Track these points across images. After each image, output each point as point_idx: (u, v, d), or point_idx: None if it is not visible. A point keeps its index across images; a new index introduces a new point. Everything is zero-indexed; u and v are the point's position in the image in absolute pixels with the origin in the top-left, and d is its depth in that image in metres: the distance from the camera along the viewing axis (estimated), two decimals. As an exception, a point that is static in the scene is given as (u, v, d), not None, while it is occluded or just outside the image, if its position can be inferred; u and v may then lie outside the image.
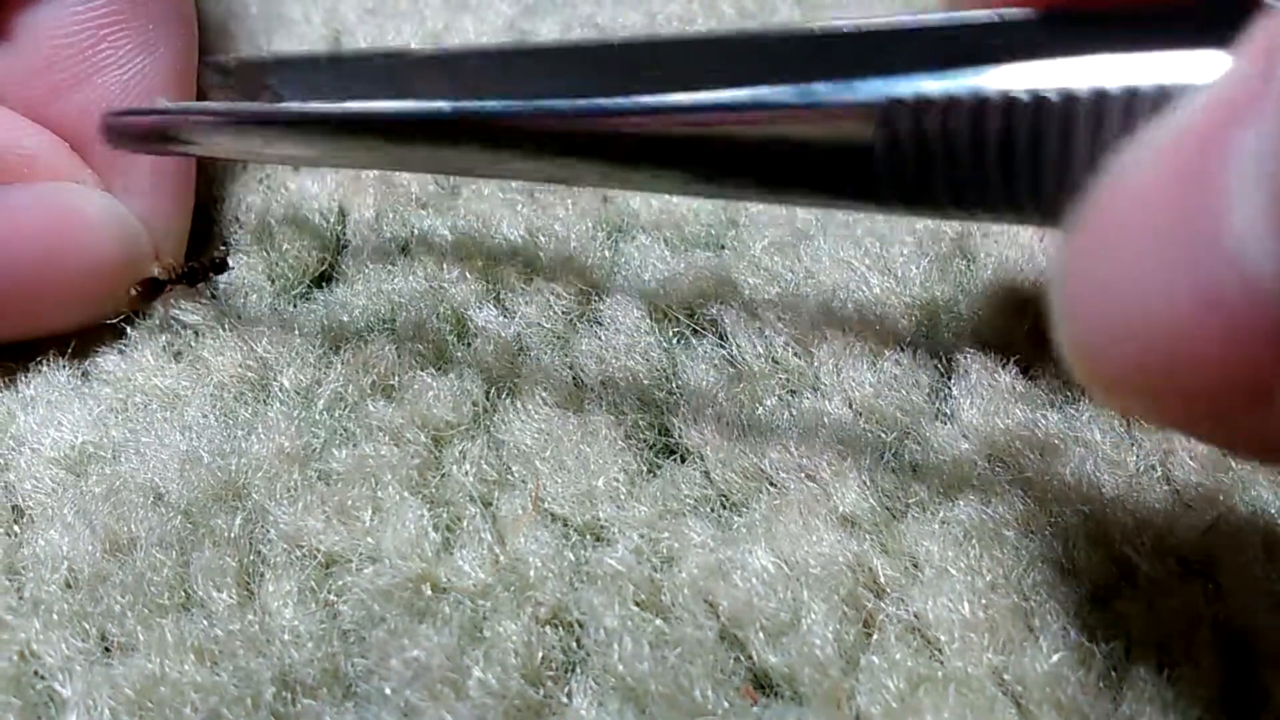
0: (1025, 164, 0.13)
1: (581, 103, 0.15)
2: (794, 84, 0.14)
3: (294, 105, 0.19)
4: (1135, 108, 0.12)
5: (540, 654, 0.17)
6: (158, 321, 0.22)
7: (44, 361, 0.21)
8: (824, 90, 0.14)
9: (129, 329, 0.22)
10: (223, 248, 0.24)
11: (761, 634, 0.17)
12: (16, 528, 0.19)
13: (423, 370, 0.21)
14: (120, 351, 0.22)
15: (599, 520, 0.18)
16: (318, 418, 0.20)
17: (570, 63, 0.18)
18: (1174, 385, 0.11)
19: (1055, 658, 0.16)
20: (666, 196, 0.23)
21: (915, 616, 0.17)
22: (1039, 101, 0.13)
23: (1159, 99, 0.12)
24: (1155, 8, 0.13)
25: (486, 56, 0.19)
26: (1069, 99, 0.13)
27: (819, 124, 0.14)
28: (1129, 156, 0.11)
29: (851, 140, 0.14)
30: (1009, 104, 0.13)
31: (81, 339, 0.22)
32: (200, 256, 0.23)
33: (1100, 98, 0.12)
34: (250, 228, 0.24)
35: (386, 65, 0.20)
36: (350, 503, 0.19)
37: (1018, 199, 0.13)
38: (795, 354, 0.21)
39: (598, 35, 0.29)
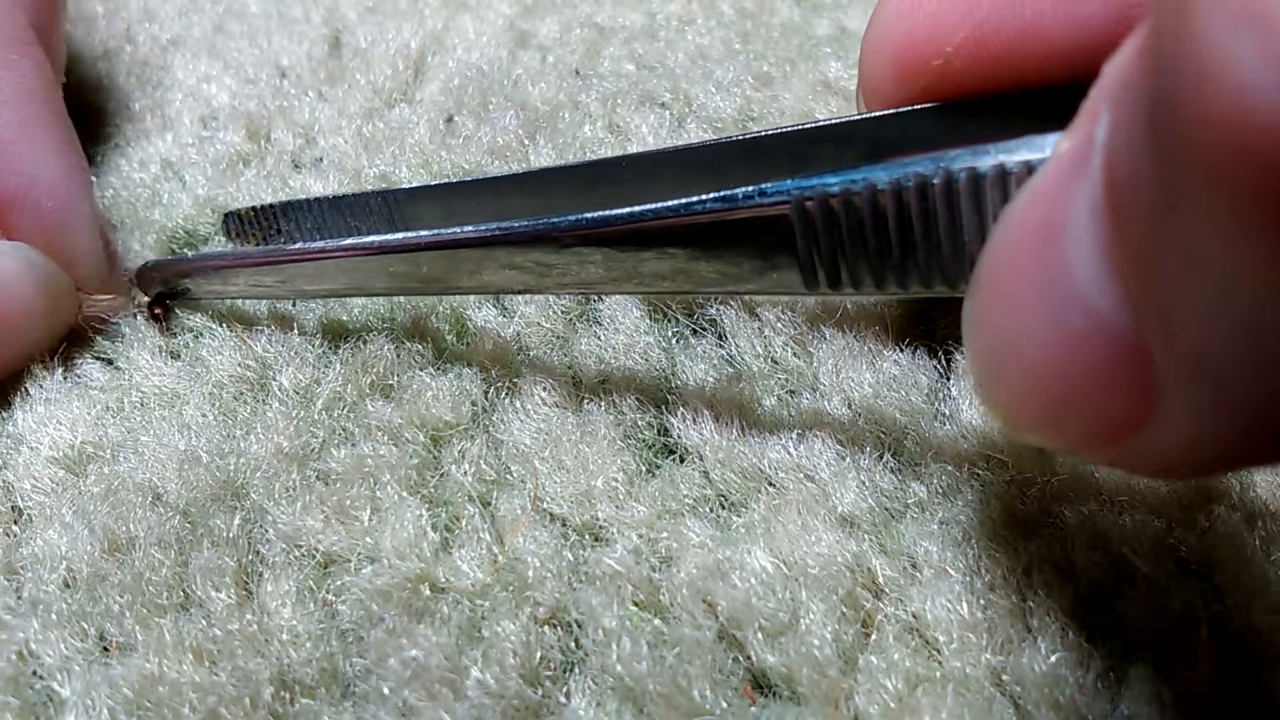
0: (922, 240, 0.15)
1: (542, 224, 0.17)
2: (718, 190, 0.16)
3: (300, 244, 0.21)
4: (1006, 183, 0.14)
5: (539, 654, 0.17)
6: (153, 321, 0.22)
7: (42, 361, 0.21)
8: (741, 194, 0.16)
9: (126, 329, 0.22)
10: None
11: (760, 634, 0.17)
12: (15, 527, 0.19)
13: (421, 370, 0.21)
14: (118, 351, 0.22)
15: (598, 520, 0.18)
16: (316, 417, 0.20)
17: (543, 185, 0.21)
18: (1065, 421, 0.12)
19: (1054, 658, 0.16)
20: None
21: (914, 617, 0.17)
22: (922, 185, 0.14)
23: (1023, 174, 0.14)
24: (1025, 93, 0.16)
25: (470, 185, 0.22)
26: (948, 180, 0.14)
27: (742, 220, 0.16)
28: (1001, 224, 0.13)
29: (774, 233, 0.16)
30: (898, 190, 0.15)
31: (80, 339, 0.22)
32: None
33: (975, 176, 0.14)
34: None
35: (382, 200, 0.22)
36: (349, 502, 0.19)
37: (925, 273, 0.15)
38: (795, 354, 0.21)
39: (594, 33, 0.29)
